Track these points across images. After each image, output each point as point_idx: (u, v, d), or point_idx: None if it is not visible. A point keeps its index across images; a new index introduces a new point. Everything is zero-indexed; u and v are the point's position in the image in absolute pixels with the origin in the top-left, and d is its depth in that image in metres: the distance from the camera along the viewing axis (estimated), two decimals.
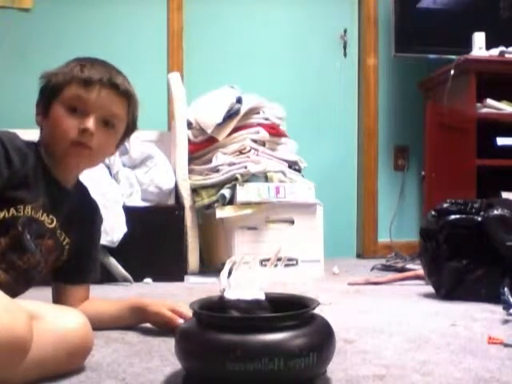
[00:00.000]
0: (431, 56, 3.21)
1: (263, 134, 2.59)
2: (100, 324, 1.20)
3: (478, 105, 2.89)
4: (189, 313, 0.97)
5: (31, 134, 1.18)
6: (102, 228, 1.40)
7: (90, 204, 1.31)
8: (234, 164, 2.48)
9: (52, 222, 1.15)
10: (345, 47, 3.40)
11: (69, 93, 1.11)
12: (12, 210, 1.07)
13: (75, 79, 1.12)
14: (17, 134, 1.10)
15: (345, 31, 3.39)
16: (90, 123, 1.10)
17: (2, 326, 0.78)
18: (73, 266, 1.25)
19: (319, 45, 3.36)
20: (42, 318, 0.94)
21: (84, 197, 1.29)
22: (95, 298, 1.35)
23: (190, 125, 2.61)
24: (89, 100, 1.11)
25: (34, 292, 1.22)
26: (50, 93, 1.13)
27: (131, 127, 1.23)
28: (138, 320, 1.33)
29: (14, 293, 1.10)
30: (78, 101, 1.11)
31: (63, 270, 1.26)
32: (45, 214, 1.13)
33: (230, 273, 0.97)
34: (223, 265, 1.00)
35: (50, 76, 1.15)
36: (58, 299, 1.27)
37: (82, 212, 1.26)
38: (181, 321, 1.21)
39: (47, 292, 1.29)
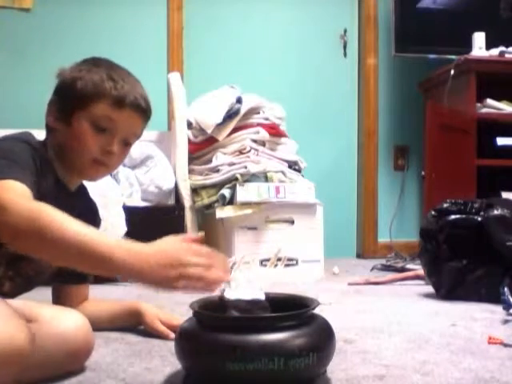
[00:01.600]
0: (431, 56, 3.21)
1: (263, 134, 2.59)
2: (97, 324, 1.20)
3: (478, 105, 2.89)
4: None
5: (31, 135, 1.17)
6: (103, 228, 1.39)
7: (91, 205, 1.31)
8: (233, 164, 2.47)
9: None
10: (345, 47, 3.40)
11: (99, 111, 1.07)
12: None
13: (107, 97, 1.07)
14: (23, 139, 1.05)
15: (345, 31, 3.39)
16: (116, 147, 1.09)
17: (1, 338, 0.77)
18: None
19: (319, 45, 3.36)
20: (42, 320, 0.94)
21: (85, 198, 1.28)
22: (94, 298, 1.35)
23: (189, 125, 2.61)
24: (118, 123, 1.09)
25: (34, 292, 1.22)
26: (74, 100, 1.08)
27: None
28: (135, 323, 1.33)
29: (14, 295, 1.10)
30: (107, 121, 1.08)
31: (63, 271, 1.25)
32: None
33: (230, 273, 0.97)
34: None
35: (74, 79, 1.09)
36: (57, 300, 1.26)
37: (85, 214, 1.25)
38: (173, 335, 1.19)
39: (47, 292, 1.29)
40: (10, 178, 0.89)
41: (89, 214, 1.27)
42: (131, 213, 2.23)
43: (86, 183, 1.31)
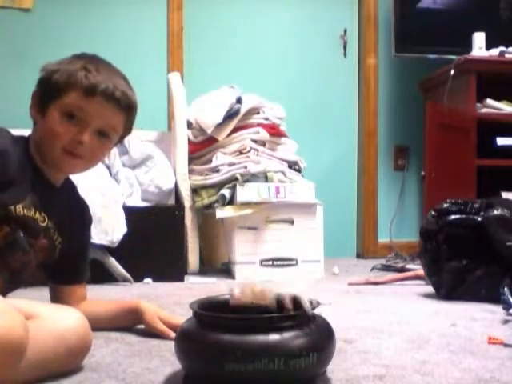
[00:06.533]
0: (431, 56, 3.21)
1: (263, 134, 2.59)
2: (96, 325, 1.20)
3: (478, 105, 2.89)
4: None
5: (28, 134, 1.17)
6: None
7: (79, 203, 1.29)
8: (233, 164, 2.47)
9: (44, 220, 1.13)
10: (345, 47, 3.40)
11: (70, 99, 1.08)
12: (3, 210, 1.05)
13: (78, 86, 1.08)
14: (3, 129, 1.09)
15: (345, 31, 3.39)
16: (86, 137, 1.08)
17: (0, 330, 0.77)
18: (67, 267, 1.25)
19: (319, 45, 3.36)
20: (40, 318, 0.94)
21: (72, 195, 1.27)
22: (93, 298, 1.35)
23: (189, 125, 2.61)
24: (89, 112, 1.09)
25: (33, 292, 1.22)
26: (50, 91, 1.10)
27: (126, 133, 1.22)
28: (134, 323, 1.33)
29: (4, 293, 1.10)
30: (77, 110, 1.08)
31: (58, 270, 1.25)
32: (37, 212, 1.11)
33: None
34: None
35: (52, 72, 1.11)
36: (55, 300, 1.26)
37: (72, 211, 1.24)
38: (173, 335, 1.18)
39: (46, 293, 1.29)
40: None
41: (75, 211, 1.26)
42: (131, 213, 2.23)
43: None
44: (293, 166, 2.65)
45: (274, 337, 0.84)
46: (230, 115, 2.55)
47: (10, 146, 1.06)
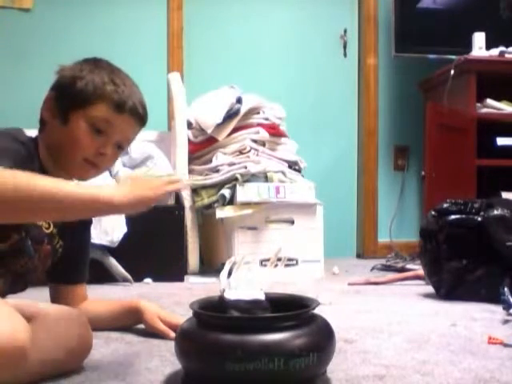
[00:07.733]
0: (431, 56, 3.21)
1: (263, 134, 2.59)
2: (97, 325, 1.20)
3: (478, 105, 2.89)
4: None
5: (31, 134, 1.17)
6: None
7: None
8: (233, 164, 2.48)
9: (49, 226, 1.13)
10: (345, 47, 3.40)
11: (98, 113, 1.08)
12: None
13: (108, 100, 1.09)
14: (11, 133, 1.07)
15: (345, 31, 3.39)
16: (109, 150, 1.11)
17: (3, 335, 0.77)
18: (67, 267, 1.25)
19: (319, 45, 3.36)
20: (42, 318, 0.94)
21: None
22: (93, 298, 1.35)
23: (189, 125, 2.61)
24: (116, 126, 1.10)
25: (33, 292, 1.22)
26: (73, 99, 1.08)
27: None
28: (134, 322, 1.33)
29: (4, 293, 1.09)
30: (105, 124, 1.09)
31: (58, 270, 1.25)
32: None
33: (229, 273, 0.97)
34: (223, 265, 1.00)
35: (74, 78, 1.09)
36: (55, 300, 1.26)
37: None
38: (173, 334, 1.17)
39: (46, 292, 1.29)
40: None
41: None
42: None
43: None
44: (293, 166, 2.65)
45: (273, 337, 0.84)
46: (230, 115, 2.55)
47: (15, 147, 1.04)
